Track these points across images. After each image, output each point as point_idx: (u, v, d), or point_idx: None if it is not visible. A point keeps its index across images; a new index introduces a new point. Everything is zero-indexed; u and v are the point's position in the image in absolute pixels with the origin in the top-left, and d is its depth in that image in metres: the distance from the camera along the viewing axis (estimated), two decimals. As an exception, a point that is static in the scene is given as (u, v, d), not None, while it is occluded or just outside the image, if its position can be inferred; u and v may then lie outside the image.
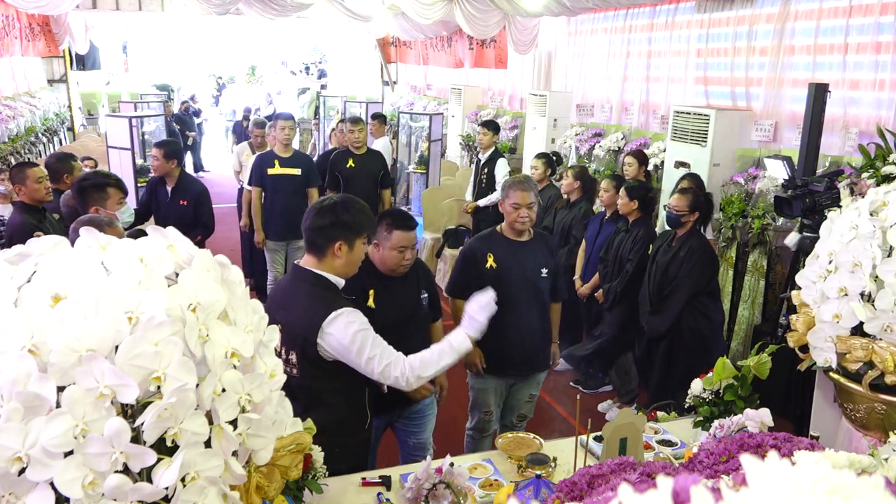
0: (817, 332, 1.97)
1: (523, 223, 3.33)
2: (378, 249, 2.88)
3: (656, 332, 4.07)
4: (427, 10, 8.54)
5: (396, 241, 2.83)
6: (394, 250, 2.84)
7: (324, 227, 2.40)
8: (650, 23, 6.51)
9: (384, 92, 14.56)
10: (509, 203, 3.33)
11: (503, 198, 3.38)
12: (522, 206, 3.30)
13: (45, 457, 1.09)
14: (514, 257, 3.36)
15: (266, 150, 6.00)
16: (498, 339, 3.28)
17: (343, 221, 2.41)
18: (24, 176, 3.88)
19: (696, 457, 1.50)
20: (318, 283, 2.40)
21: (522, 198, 3.29)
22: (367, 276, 2.87)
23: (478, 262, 3.36)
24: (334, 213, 2.41)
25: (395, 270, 2.90)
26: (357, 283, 2.81)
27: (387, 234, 2.84)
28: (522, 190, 3.30)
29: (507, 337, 3.31)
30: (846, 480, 0.61)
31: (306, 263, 2.46)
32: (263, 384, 1.34)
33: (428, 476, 2.07)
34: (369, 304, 2.87)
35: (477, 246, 3.43)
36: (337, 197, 2.51)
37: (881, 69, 4.38)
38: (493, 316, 2.93)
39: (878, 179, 3.93)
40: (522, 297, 3.35)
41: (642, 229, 4.51)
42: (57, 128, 10.80)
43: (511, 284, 3.30)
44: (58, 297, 1.18)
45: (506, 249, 3.37)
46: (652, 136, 6.43)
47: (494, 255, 3.35)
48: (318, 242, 2.42)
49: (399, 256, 2.85)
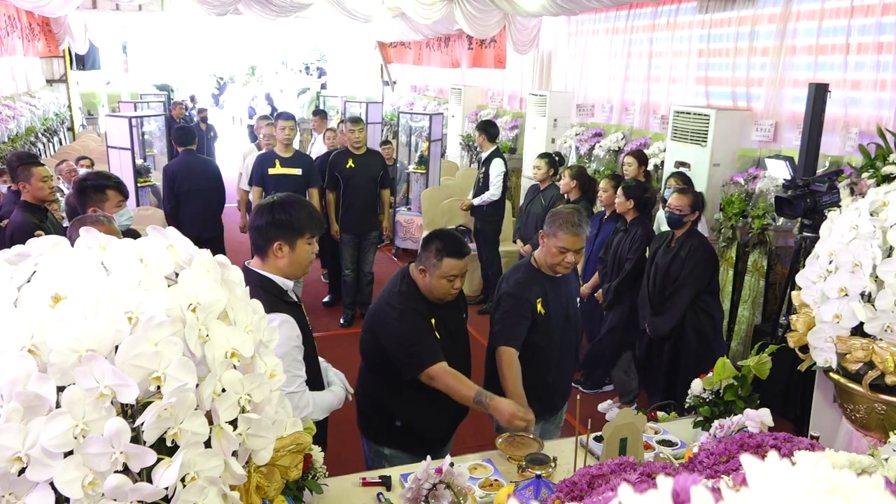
0: (817, 333, 1.97)
1: (566, 269, 2.91)
2: (424, 276, 2.64)
3: (660, 333, 4.06)
4: (427, 10, 8.55)
5: (447, 270, 2.59)
6: (443, 279, 2.60)
7: (261, 227, 2.34)
8: (652, 23, 6.52)
9: (384, 92, 14.57)
10: (556, 245, 2.83)
11: (549, 233, 2.88)
12: (570, 251, 2.83)
13: (45, 457, 1.09)
14: (556, 297, 2.98)
15: (267, 150, 6.01)
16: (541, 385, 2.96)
17: (279, 221, 2.33)
18: (30, 174, 3.90)
19: (696, 457, 1.50)
20: (261, 284, 2.30)
21: (573, 243, 2.82)
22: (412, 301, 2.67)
23: (530, 307, 2.90)
24: (271, 213, 2.34)
25: (442, 299, 2.68)
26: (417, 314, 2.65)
27: (436, 262, 2.59)
28: (575, 235, 2.81)
29: (550, 382, 3.02)
30: (846, 480, 0.61)
31: (252, 264, 2.40)
32: (263, 384, 1.34)
33: (428, 476, 2.07)
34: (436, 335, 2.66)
35: (527, 290, 2.93)
36: (277, 196, 2.42)
37: (882, 69, 4.38)
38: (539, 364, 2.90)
39: (878, 179, 3.93)
40: (565, 338, 3.03)
41: (640, 229, 4.51)
42: (57, 128, 10.80)
43: (558, 328, 2.97)
44: (58, 297, 1.18)
45: (551, 291, 2.96)
46: (652, 136, 6.43)
47: (543, 300, 2.92)
48: (258, 243, 2.37)
49: (448, 286, 2.62)
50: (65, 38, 11.01)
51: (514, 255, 6.55)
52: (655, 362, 4.18)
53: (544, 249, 2.92)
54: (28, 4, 7.56)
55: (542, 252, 2.94)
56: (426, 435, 2.73)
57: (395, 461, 2.69)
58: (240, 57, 19.72)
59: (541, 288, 2.94)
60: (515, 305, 2.90)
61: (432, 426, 2.76)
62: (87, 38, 11.37)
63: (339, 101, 11.39)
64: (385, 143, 8.73)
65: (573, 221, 2.82)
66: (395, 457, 2.74)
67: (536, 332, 2.90)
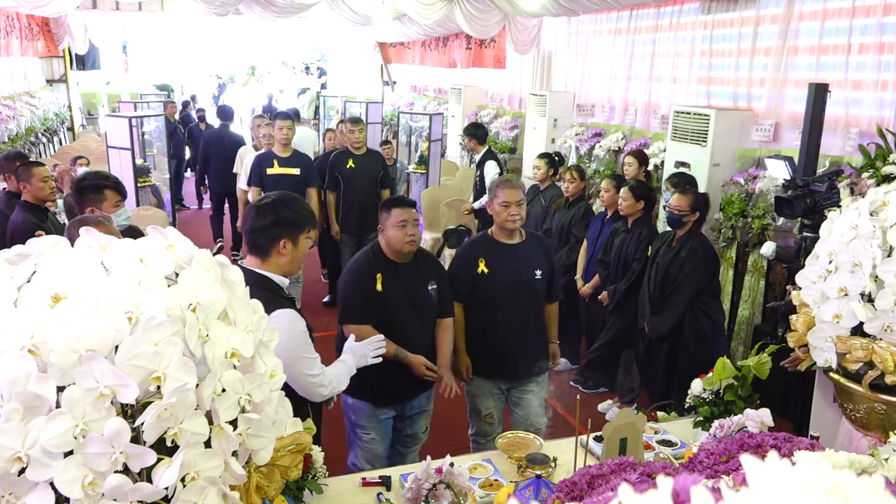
0: (817, 333, 1.97)
1: (514, 221, 3.26)
2: (383, 234, 3.02)
3: (659, 333, 4.07)
4: (427, 10, 8.55)
5: (396, 218, 2.95)
6: (395, 227, 2.96)
7: (266, 227, 2.36)
8: (655, 24, 6.52)
9: (384, 92, 14.57)
10: (498, 202, 3.25)
11: (491, 199, 3.31)
12: (512, 204, 3.22)
13: (45, 457, 1.09)
14: (505, 261, 3.31)
15: (265, 150, 6.01)
16: (490, 343, 3.33)
17: (285, 219, 2.37)
18: (30, 174, 3.90)
19: (696, 457, 1.50)
20: (260, 283, 2.31)
21: (511, 195, 3.22)
22: (377, 261, 3.04)
23: (469, 268, 3.33)
24: (275, 212, 2.37)
25: (401, 250, 3.00)
26: (366, 268, 3.02)
27: (387, 215, 2.98)
28: (510, 188, 3.24)
29: (499, 340, 3.31)
30: (846, 480, 0.61)
31: (248, 264, 2.40)
32: (263, 384, 1.34)
33: (428, 476, 2.07)
34: (377, 287, 2.99)
35: (468, 251, 3.40)
36: (274, 195, 2.47)
37: (884, 69, 4.38)
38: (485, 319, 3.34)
39: (878, 179, 3.93)
40: (515, 300, 3.30)
41: (645, 228, 4.51)
42: (57, 128, 10.81)
43: (503, 289, 3.28)
44: (58, 297, 1.18)
45: (497, 253, 3.31)
46: (652, 136, 6.43)
47: (486, 260, 3.30)
48: (261, 243, 2.37)
49: (402, 232, 2.96)
50: (64, 38, 11.01)
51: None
52: (654, 362, 4.18)
53: (493, 214, 3.32)
54: (27, 6, 7.56)
55: (494, 218, 3.33)
56: (381, 386, 3.00)
57: (358, 411, 3.07)
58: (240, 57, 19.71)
59: (485, 249, 3.33)
60: (455, 268, 3.41)
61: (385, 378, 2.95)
62: (86, 38, 11.38)
63: (339, 101, 11.39)
64: (385, 143, 8.74)
65: (506, 179, 3.33)
66: (357, 406, 3.07)
67: (479, 288, 3.32)
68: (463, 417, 3.75)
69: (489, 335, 3.34)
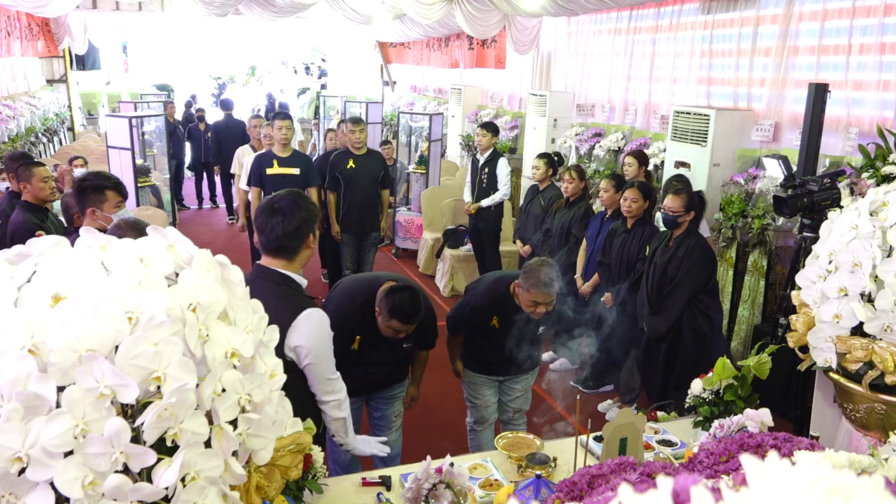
0: (817, 332, 1.97)
1: (538, 317, 3.25)
2: (379, 314, 2.96)
3: (657, 333, 4.07)
4: (427, 10, 8.55)
5: (394, 325, 2.92)
6: (389, 328, 2.95)
7: (299, 228, 2.38)
8: (655, 24, 6.52)
9: (384, 92, 14.57)
10: (528, 297, 3.17)
11: (523, 287, 3.20)
12: (541, 304, 3.18)
13: (45, 457, 1.09)
14: (516, 323, 3.33)
15: (265, 150, 6.01)
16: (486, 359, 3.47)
17: (312, 215, 2.44)
18: (31, 174, 3.89)
19: (696, 457, 1.50)
20: (288, 283, 2.38)
21: (544, 298, 3.16)
22: (360, 321, 3.01)
23: (482, 322, 3.37)
24: (305, 209, 2.42)
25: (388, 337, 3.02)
26: (346, 325, 2.96)
27: (387, 315, 2.91)
28: (546, 293, 3.14)
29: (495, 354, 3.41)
30: (846, 480, 0.61)
31: (273, 265, 2.41)
32: (263, 384, 1.34)
33: (428, 476, 2.07)
34: (353, 347, 3.03)
35: (485, 309, 3.37)
36: (288, 195, 2.47)
37: (885, 70, 4.38)
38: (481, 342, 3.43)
39: (878, 179, 3.93)
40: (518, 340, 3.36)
41: (646, 228, 4.51)
42: (57, 128, 10.81)
43: (508, 337, 3.34)
44: (58, 297, 1.18)
45: (512, 316, 3.33)
46: (652, 136, 6.43)
47: (499, 319, 3.34)
48: (292, 245, 2.39)
49: (393, 333, 2.98)
50: (64, 39, 11.01)
51: (515, 254, 6.56)
52: (653, 362, 4.18)
53: (519, 295, 3.22)
54: (27, 6, 7.56)
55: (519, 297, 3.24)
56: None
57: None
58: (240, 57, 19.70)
59: (502, 311, 3.32)
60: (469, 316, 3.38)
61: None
62: (86, 38, 11.38)
63: (339, 102, 11.39)
64: (385, 143, 8.74)
65: (545, 282, 3.12)
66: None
67: (486, 335, 3.37)
68: (462, 418, 3.76)
69: (486, 351, 3.45)
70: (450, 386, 4.43)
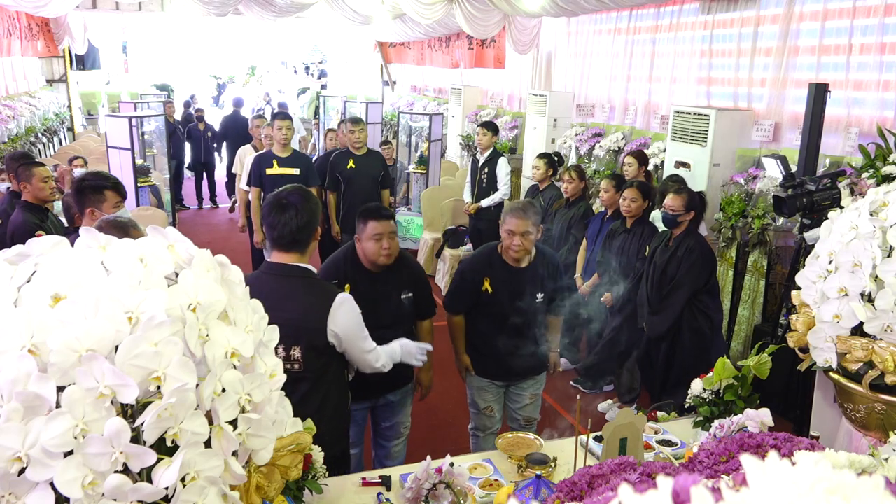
0: (817, 332, 1.97)
1: (516, 251, 3.19)
2: (360, 244, 3.00)
3: (657, 333, 4.07)
4: (427, 10, 8.55)
5: (371, 231, 2.92)
6: (370, 240, 2.94)
7: (310, 221, 2.47)
8: (655, 24, 6.52)
9: (384, 92, 14.57)
10: (504, 228, 3.18)
11: (501, 221, 3.25)
12: (516, 234, 3.13)
13: (45, 457, 1.09)
14: (509, 284, 3.27)
15: (264, 150, 6.00)
16: (488, 349, 3.37)
17: (317, 206, 2.55)
18: (31, 174, 3.89)
19: (696, 457, 1.50)
20: (308, 275, 2.49)
21: (517, 225, 3.12)
22: (348, 269, 3.03)
23: (474, 285, 3.30)
24: (311, 202, 2.51)
25: (376, 261, 2.97)
26: (337, 274, 3.01)
27: (363, 226, 2.95)
28: (518, 217, 3.12)
29: (497, 347, 3.32)
30: (846, 480, 0.61)
31: (289, 260, 2.48)
32: (263, 384, 1.34)
33: (428, 476, 2.07)
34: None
35: (474, 268, 3.34)
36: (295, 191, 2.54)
37: (885, 70, 4.38)
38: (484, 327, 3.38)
39: (879, 179, 3.93)
40: (515, 318, 3.30)
41: (646, 228, 4.51)
42: (57, 128, 10.81)
43: (504, 307, 3.27)
44: (58, 297, 1.18)
45: (502, 275, 3.27)
46: (652, 136, 6.43)
47: (490, 280, 3.27)
48: (304, 238, 2.48)
49: (377, 245, 2.94)
50: (64, 38, 11.01)
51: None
52: (653, 361, 4.18)
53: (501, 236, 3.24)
54: (27, 6, 7.56)
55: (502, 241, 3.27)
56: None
57: None
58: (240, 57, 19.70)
59: (491, 270, 3.28)
60: (461, 283, 3.37)
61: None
62: (86, 38, 11.38)
63: (339, 102, 11.39)
64: (385, 143, 8.73)
65: (518, 206, 3.16)
66: None
67: (482, 304, 3.32)
68: (462, 417, 3.75)
69: (488, 342, 3.37)
70: (450, 386, 4.43)
